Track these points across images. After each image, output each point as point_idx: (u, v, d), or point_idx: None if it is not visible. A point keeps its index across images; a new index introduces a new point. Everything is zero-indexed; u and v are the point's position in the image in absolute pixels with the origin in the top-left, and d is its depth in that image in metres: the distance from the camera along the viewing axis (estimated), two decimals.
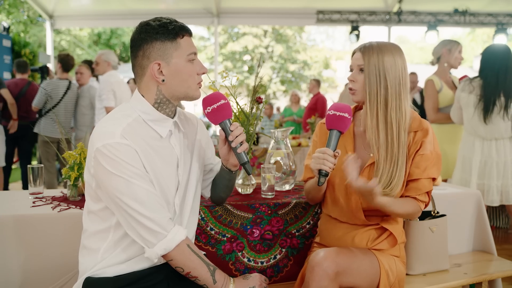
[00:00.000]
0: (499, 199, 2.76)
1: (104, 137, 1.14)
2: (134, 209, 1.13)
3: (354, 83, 1.47)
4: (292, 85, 19.05)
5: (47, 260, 1.49)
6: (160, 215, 1.16)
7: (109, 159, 1.12)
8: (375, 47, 1.43)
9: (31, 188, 1.75)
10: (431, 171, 1.43)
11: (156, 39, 1.18)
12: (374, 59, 1.41)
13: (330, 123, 1.39)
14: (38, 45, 11.27)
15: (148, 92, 1.23)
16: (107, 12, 8.02)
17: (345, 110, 1.38)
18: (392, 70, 1.41)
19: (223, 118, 1.28)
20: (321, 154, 1.35)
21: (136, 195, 1.13)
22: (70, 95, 4.46)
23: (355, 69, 1.48)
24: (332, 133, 1.39)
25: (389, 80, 1.41)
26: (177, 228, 1.18)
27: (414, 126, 1.46)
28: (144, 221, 1.13)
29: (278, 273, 1.68)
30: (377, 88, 1.42)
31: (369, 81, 1.42)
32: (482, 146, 2.78)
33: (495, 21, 7.93)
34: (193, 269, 1.19)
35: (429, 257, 1.71)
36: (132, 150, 1.14)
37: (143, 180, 1.15)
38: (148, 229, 1.14)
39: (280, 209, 1.66)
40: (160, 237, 1.15)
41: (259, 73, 1.82)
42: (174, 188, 1.27)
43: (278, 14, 8.18)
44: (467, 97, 2.77)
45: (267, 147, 4.24)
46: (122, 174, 1.12)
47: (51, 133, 4.36)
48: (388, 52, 1.43)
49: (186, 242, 1.19)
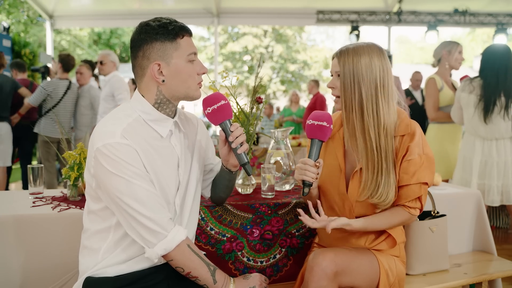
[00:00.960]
0: (500, 199, 2.76)
1: (104, 137, 1.13)
2: (134, 209, 1.12)
3: (334, 90, 1.43)
4: (292, 85, 19.05)
5: (47, 260, 1.49)
6: (160, 215, 1.15)
7: (109, 159, 1.12)
8: (350, 51, 1.38)
9: (31, 188, 1.75)
10: (421, 175, 1.37)
11: (156, 40, 1.18)
12: (349, 64, 1.36)
13: (310, 132, 1.38)
14: (38, 45, 11.28)
15: (148, 93, 1.23)
16: (107, 12, 8.02)
17: (324, 118, 1.36)
18: (368, 73, 1.35)
19: (223, 118, 1.28)
20: (302, 165, 1.35)
21: (136, 195, 1.13)
22: (70, 95, 4.46)
23: (334, 75, 1.43)
24: (313, 142, 1.38)
25: (363, 84, 1.35)
26: (177, 228, 1.18)
27: (400, 130, 1.40)
28: (144, 221, 1.13)
29: (277, 273, 1.68)
30: (351, 94, 1.37)
31: (344, 87, 1.38)
32: (483, 146, 2.78)
33: (495, 21, 7.93)
34: (193, 269, 1.19)
35: (429, 257, 1.71)
36: (133, 150, 1.14)
37: (143, 180, 1.15)
38: (148, 229, 1.14)
39: (280, 209, 1.66)
40: (161, 237, 1.15)
41: (259, 73, 1.83)
42: (175, 188, 1.27)
43: (278, 14, 8.18)
44: (468, 97, 2.77)
45: (267, 147, 4.24)
46: (122, 174, 1.12)
47: (50, 133, 4.36)
48: (365, 54, 1.36)
49: (186, 242, 1.19)
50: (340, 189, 1.47)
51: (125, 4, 7.73)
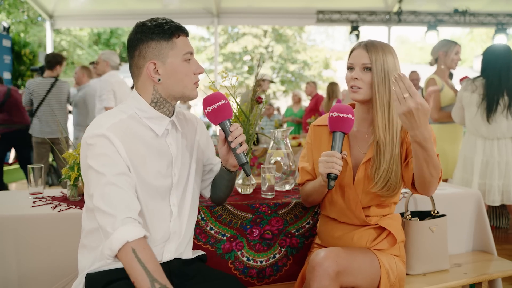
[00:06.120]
0: (500, 199, 2.76)
1: (91, 128, 1.16)
2: (97, 201, 1.09)
3: (358, 81, 1.43)
4: (292, 85, 19.05)
5: (47, 260, 1.49)
6: (117, 212, 1.07)
7: (89, 148, 1.13)
8: (378, 46, 1.42)
9: (31, 188, 1.75)
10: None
11: (152, 39, 1.19)
12: (380, 58, 1.40)
13: (333, 125, 1.39)
14: (38, 45, 11.26)
15: (144, 92, 1.23)
16: (107, 12, 8.02)
17: (348, 111, 1.38)
18: (394, 70, 1.40)
19: (223, 118, 1.28)
20: (329, 158, 1.34)
21: (101, 188, 1.09)
22: (55, 92, 4.30)
23: (358, 67, 1.44)
24: (336, 134, 1.38)
25: (391, 81, 1.40)
26: (127, 228, 1.06)
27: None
28: (100, 215, 1.08)
29: (277, 272, 1.68)
30: (384, 88, 1.40)
31: (378, 80, 1.40)
32: (484, 145, 2.78)
33: (495, 21, 7.93)
34: (134, 278, 1.03)
35: (429, 257, 1.71)
36: (114, 143, 1.14)
37: (115, 176, 1.11)
38: (102, 224, 1.08)
39: (280, 209, 1.66)
40: (108, 235, 1.07)
41: (259, 73, 1.83)
42: (167, 186, 1.26)
43: (278, 14, 8.18)
44: (470, 96, 2.77)
45: (267, 147, 4.24)
46: (96, 166, 1.11)
47: (39, 133, 4.30)
48: (389, 52, 1.43)
49: (133, 245, 1.04)
50: (345, 181, 1.47)
51: (125, 4, 7.73)
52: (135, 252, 1.04)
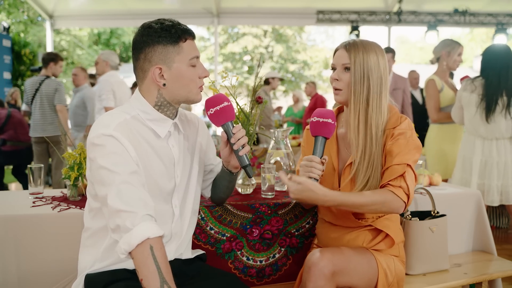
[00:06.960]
0: (499, 199, 2.76)
1: (98, 128, 1.14)
2: (110, 200, 1.07)
3: (339, 82, 1.43)
4: (292, 85, 19.05)
5: (47, 260, 1.49)
6: (134, 209, 1.07)
7: (98, 148, 1.11)
8: (359, 45, 1.40)
9: (31, 188, 1.75)
10: (405, 158, 1.35)
11: (158, 43, 1.17)
12: (359, 57, 1.38)
13: (314, 129, 1.38)
14: (38, 45, 11.26)
15: (149, 95, 1.22)
16: (107, 12, 8.01)
17: (328, 115, 1.36)
18: (376, 69, 1.38)
19: (226, 120, 1.27)
20: (308, 162, 1.34)
21: (115, 187, 1.08)
22: (45, 90, 4.17)
23: (339, 67, 1.43)
24: (318, 139, 1.37)
25: (371, 80, 1.38)
26: (147, 225, 1.05)
27: (391, 123, 1.42)
28: (116, 213, 1.07)
29: (277, 272, 1.68)
30: (361, 88, 1.39)
31: (354, 81, 1.39)
32: (483, 146, 2.78)
33: (495, 21, 7.92)
34: (144, 276, 1.01)
35: (429, 257, 1.71)
36: (123, 142, 1.13)
37: (127, 174, 1.10)
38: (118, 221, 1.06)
39: (280, 209, 1.66)
40: (126, 230, 1.05)
41: (259, 73, 1.83)
42: (170, 188, 1.27)
43: (278, 14, 8.17)
44: (469, 96, 2.77)
45: (267, 147, 4.24)
46: (107, 164, 1.09)
47: (32, 132, 4.28)
48: (372, 51, 1.40)
49: (151, 243, 1.03)
50: (334, 186, 1.48)
51: (125, 4, 7.72)
52: (153, 249, 1.03)
